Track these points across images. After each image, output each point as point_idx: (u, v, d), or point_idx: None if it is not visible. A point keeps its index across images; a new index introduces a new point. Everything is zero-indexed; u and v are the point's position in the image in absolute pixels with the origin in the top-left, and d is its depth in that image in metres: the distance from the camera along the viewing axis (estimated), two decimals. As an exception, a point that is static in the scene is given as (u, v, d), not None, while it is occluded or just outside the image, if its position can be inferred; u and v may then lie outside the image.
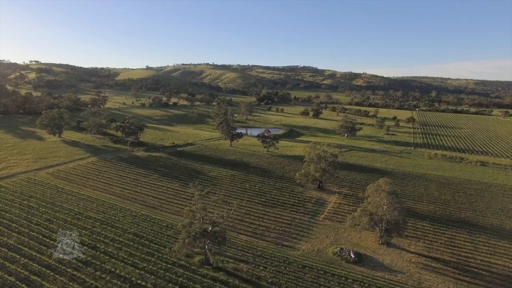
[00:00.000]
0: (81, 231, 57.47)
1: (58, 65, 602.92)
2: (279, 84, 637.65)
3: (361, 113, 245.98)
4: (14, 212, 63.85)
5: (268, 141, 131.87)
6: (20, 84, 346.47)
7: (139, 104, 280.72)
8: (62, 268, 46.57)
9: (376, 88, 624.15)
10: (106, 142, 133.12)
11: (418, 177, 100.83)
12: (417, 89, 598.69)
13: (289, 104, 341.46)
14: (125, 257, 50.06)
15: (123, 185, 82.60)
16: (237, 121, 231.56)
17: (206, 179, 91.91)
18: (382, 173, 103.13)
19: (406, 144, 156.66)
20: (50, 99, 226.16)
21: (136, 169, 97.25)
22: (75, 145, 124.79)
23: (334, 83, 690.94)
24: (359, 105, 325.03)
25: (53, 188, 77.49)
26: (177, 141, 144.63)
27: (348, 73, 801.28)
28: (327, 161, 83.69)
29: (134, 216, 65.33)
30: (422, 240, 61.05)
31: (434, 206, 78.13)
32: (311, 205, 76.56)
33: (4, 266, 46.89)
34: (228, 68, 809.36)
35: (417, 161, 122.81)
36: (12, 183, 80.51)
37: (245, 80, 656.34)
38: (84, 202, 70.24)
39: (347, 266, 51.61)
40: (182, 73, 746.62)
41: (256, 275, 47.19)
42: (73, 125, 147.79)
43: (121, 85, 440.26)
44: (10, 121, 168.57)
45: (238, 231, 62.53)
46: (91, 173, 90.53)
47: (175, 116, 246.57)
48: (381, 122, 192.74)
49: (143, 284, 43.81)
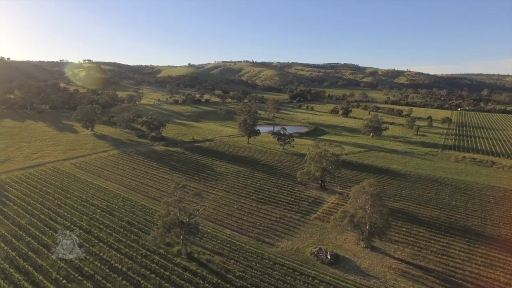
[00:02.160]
0: (82, 216, 63.46)
1: (107, 63, 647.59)
2: (316, 82, 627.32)
3: (393, 112, 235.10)
4: (32, 196, 71.97)
5: (283, 138, 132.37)
6: (71, 82, 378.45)
7: (172, 100, 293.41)
8: (56, 247, 52.20)
9: (420, 86, 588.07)
10: (131, 136, 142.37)
11: (433, 180, 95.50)
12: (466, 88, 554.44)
13: (321, 102, 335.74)
14: (112, 242, 54.63)
15: (132, 177, 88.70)
16: (264, 118, 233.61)
17: (212, 174, 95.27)
18: (394, 175, 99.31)
19: (434, 145, 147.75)
20: (91, 96, 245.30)
21: (149, 162, 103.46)
22: (103, 138, 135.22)
23: (374, 81, 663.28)
24: (395, 104, 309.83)
25: (70, 177, 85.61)
26: (198, 136, 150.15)
27: (391, 71, 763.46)
28: (327, 160, 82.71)
29: (133, 205, 70.34)
30: (412, 246, 58.60)
31: (440, 212, 73.99)
32: (307, 204, 76.46)
33: (11, 243, 53.61)
34: (267, 66, 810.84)
35: (440, 164, 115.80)
36: (39, 171, 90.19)
37: (282, 78, 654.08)
38: (93, 191, 76.92)
39: (320, 267, 51.54)
40: (221, 70, 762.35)
41: (226, 268, 49.09)
42: (104, 120, 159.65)
43: (160, 82, 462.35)
44: (55, 115, 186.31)
45: (224, 225, 64.76)
46: (108, 165, 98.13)
47: (205, 112, 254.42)
48: (411, 122, 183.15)
49: (120, 267, 47.77)
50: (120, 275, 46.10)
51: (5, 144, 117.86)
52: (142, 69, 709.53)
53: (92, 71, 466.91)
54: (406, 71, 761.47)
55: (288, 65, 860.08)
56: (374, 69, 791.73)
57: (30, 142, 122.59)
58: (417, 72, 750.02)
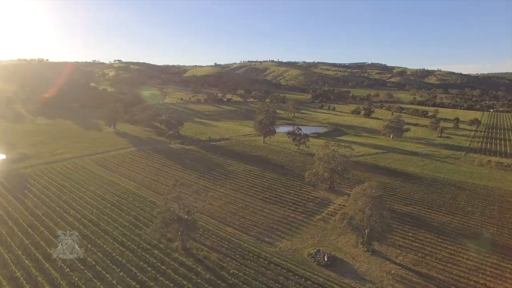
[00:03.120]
0: (93, 210, 66.83)
1: (135, 63, 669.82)
2: (341, 82, 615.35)
3: (418, 113, 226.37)
4: (51, 190, 76.66)
5: (298, 138, 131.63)
6: (101, 81, 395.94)
7: (194, 99, 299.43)
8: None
9: (451, 86, 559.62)
10: (151, 134, 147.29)
11: (450, 184, 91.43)
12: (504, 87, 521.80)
13: (344, 102, 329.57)
14: (117, 236, 57.20)
15: (145, 173, 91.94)
16: (284, 118, 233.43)
17: (222, 172, 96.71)
18: (409, 177, 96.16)
19: (458, 148, 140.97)
20: (118, 95, 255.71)
21: (164, 160, 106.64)
22: (124, 136, 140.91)
23: (402, 81, 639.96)
24: (421, 104, 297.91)
25: (88, 173, 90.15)
26: (215, 135, 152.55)
27: (420, 70, 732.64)
28: (336, 160, 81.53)
29: (142, 201, 73.02)
30: (415, 252, 56.64)
31: (452, 217, 70.85)
32: (313, 205, 75.87)
33: (27, 232, 57.53)
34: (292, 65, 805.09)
35: (461, 168, 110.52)
36: (61, 166, 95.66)
37: (307, 78, 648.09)
38: (106, 186, 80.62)
39: (316, 269, 51.13)
40: (246, 70, 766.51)
41: (221, 265, 49.97)
42: (126, 118, 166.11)
43: (185, 82, 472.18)
44: (83, 114, 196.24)
45: (227, 223, 65.70)
46: (124, 161, 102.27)
47: (226, 111, 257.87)
48: (435, 123, 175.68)
49: (120, 259, 50.00)
50: (119, 267, 48.26)
51: (35, 140, 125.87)
52: (169, 69, 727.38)
53: (121, 71, 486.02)
54: (437, 71, 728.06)
55: (314, 65, 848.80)
56: (403, 68, 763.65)
57: (57, 138, 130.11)
58: (449, 71, 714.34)
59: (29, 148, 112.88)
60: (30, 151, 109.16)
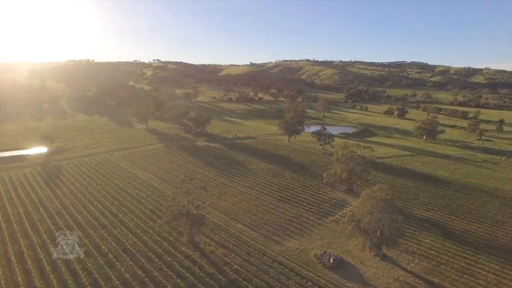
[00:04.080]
0: (113, 201, 70.88)
1: (173, 63, 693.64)
2: (378, 81, 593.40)
3: (457, 114, 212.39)
4: (80, 181, 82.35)
5: (323, 138, 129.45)
6: (139, 80, 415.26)
7: (226, 98, 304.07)
8: (85, 226, 59.53)
9: (500, 86, 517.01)
10: (179, 131, 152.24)
11: (482, 191, 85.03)
12: None
13: (378, 102, 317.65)
14: (132, 227, 60.31)
15: (167, 169, 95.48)
16: (314, 118, 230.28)
17: (242, 170, 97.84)
18: (435, 181, 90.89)
19: (499, 152, 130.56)
20: (153, 93, 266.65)
21: (188, 156, 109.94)
22: (153, 132, 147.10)
23: (444, 80, 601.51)
24: (462, 105, 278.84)
25: (115, 166, 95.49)
26: (241, 134, 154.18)
27: (465, 69, 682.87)
28: (354, 161, 79.27)
29: (160, 195, 76.09)
30: (430, 259, 53.73)
31: (478, 226, 66.12)
32: (328, 206, 74.52)
33: (54, 218, 62.55)
34: (328, 64, 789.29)
35: (498, 173, 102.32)
36: (92, 159, 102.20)
37: (343, 77, 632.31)
38: (129, 180, 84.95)
39: (320, 270, 50.38)
40: (281, 69, 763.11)
41: (225, 261, 50.91)
42: (157, 116, 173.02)
43: (219, 81, 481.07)
44: (118, 111, 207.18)
45: (238, 219, 66.56)
46: (149, 157, 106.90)
47: (256, 110, 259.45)
48: (474, 125, 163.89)
49: (131, 249, 52.76)
50: (130, 256, 50.95)
51: (73, 135, 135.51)
52: (204, 68, 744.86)
53: (158, 70, 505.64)
54: (485, 69, 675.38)
55: (350, 64, 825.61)
56: (446, 67, 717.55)
57: (92, 134, 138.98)
58: (499, 70, 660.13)
59: (67, 142, 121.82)
60: (67, 144, 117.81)
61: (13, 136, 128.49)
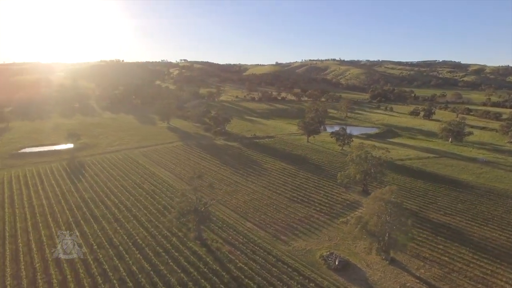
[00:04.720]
0: (129, 197, 73.63)
1: (199, 63, 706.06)
2: (406, 81, 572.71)
3: (489, 116, 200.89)
4: (100, 177, 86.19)
5: (342, 139, 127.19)
6: (165, 80, 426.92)
7: (249, 97, 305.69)
8: (101, 219, 62.36)
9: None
10: (199, 130, 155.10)
11: (508, 197, 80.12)
12: None
13: (404, 102, 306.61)
14: (144, 221, 62.42)
15: (184, 166, 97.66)
16: (336, 118, 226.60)
17: (257, 169, 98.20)
18: (457, 185, 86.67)
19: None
20: (177, 92, 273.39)
21: (205, 154, 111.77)
22: (174, 131, 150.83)
23: (477, 80, 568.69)
24: (496, 106, 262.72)
25: (134, 163, 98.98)
26: (260, 133, 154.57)
27: (503, 68, 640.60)
28: (369, 163, 77.33)
29: (174, 192, 77.87)
30: (442, 266, 51.44)
31: (500, 233, 62.42)
32: (340, 207, 73.25)
33: (73, 211, 66.01)
34: (354, 64, 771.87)
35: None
36: (114, 156, 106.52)
37: (369, 77, 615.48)
38: (146, 176, 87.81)
39: (324, 272, 49.75)
40: (307, 69, 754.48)
41: (230, 258, 51.51)
42: (179, 114, 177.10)
43: (242, 80, 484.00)
44: (143, 110, 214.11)
45: (248, 218, 66.97)
46: (168, 154, 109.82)
47: (277, 110, 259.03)
48: (507, 127, 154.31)
49: (140, 243, 54.70)
50: (139, 249, 52.87)
51: (98, 132, 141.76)
52: (229, 68, 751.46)
53: (184, 70, 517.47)
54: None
55: (378, 63, 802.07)
56: (481, 66, 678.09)
57: (117, 131, 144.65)
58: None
59: (92, 138, 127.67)
60: (92, 141, 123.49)
61: (44, 132, 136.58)
